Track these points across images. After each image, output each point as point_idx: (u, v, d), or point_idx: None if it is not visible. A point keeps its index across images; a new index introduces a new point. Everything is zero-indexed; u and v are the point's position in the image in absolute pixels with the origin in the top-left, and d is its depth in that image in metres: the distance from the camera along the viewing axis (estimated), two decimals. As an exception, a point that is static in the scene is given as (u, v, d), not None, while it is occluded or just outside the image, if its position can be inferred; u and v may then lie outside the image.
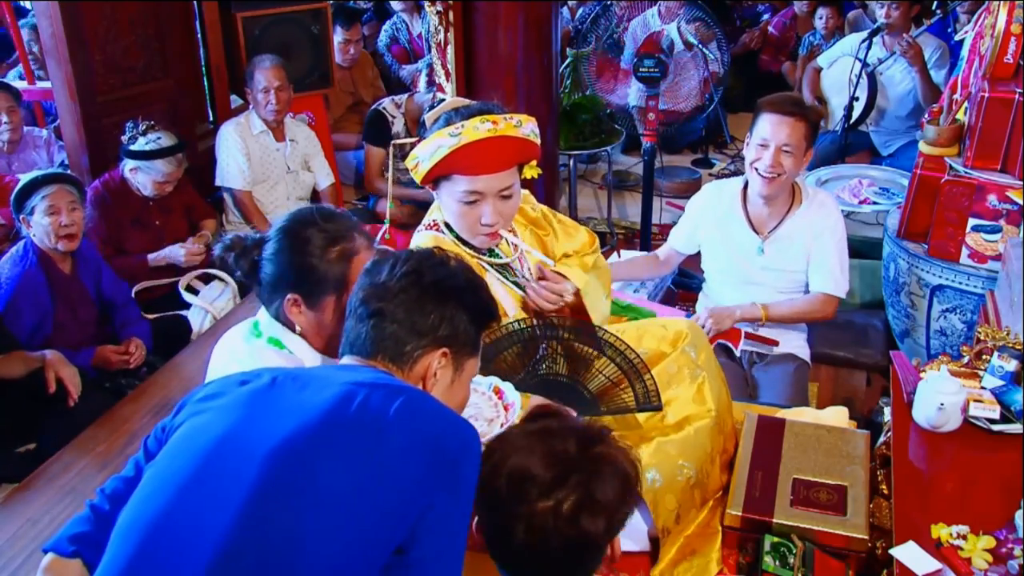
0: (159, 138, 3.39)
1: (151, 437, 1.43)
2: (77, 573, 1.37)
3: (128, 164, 3.42)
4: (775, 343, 2.70)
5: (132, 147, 3.38)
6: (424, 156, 1.79)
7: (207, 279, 3.53)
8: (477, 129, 1.74)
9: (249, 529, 1.13)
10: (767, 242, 2.65)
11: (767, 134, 2.51)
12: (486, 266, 1.96)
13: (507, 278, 1.96)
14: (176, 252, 3.47)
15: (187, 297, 3.42)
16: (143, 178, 3.42)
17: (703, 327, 2.66)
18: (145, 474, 1.30)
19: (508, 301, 1.93)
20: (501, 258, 1.96)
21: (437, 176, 1.83)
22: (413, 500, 1.18)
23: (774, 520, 1.73)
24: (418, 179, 1.85)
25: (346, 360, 1.38)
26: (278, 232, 1.65)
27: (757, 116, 2.56)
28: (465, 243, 1.95)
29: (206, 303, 3.40)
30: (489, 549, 1.34)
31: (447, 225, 1.96)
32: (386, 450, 1.19)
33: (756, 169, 2.54)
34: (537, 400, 1.78)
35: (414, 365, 1.35)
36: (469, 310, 1.38)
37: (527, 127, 1.81)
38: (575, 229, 2.17)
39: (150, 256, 3.47)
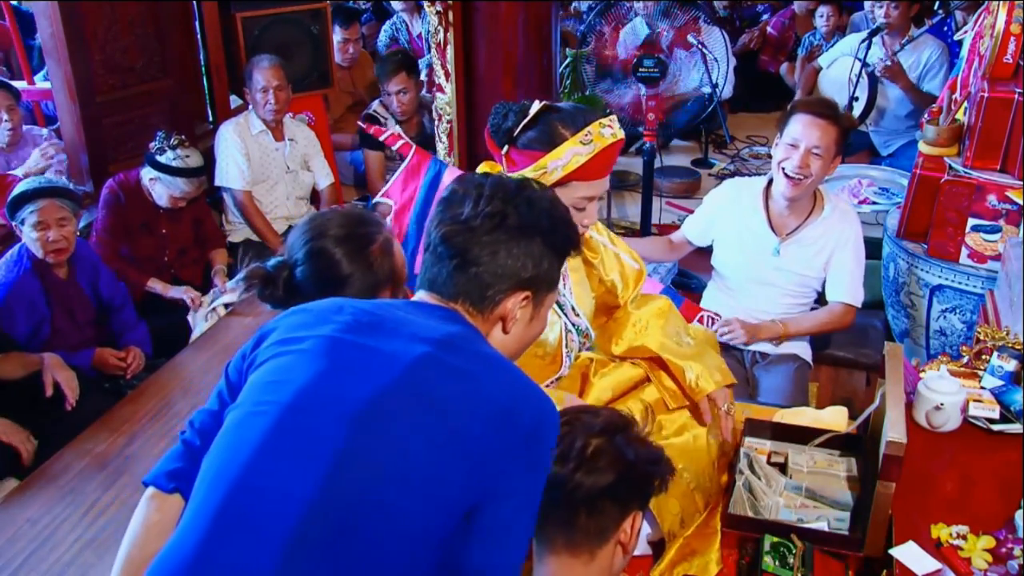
0: (188, 156, 3.37)
1: (231, 365, 1.39)
2: (177, 507, 1.36)
3: (149, 172, 3.40)
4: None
5: (158, 158, 3.35)
6: (556, 165, 1.73)
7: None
8: (603, 136, 1.73)
9: (333, 490, 1.13)
10: (784, 244, 2.64)
11: (798, 135, 2.48)
12: None
13: None
14: (181, 295, 3.46)
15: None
16: (161, 189, 3.40)
17: (717, 331, 2.67)
18: (227, 418, 1.28)
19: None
20: None
21: (555, 184, 1.76)
22: (486, 467, 1.17)
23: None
24: None
25: (423, 296, 1.36)
26: (309, 253, 1.63)
27: (790, 116, 2.54)
28: None
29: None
30: None
31: None
32: (466, 417, 1.18)
33: (783, 169, 2.52)
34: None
35: (495, 308, 1.33)
36: (554, 248, 1.36)
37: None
38: (625, 250, 2.08)
39: (158, 288, 3.45)
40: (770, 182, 2.64)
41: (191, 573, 1.12)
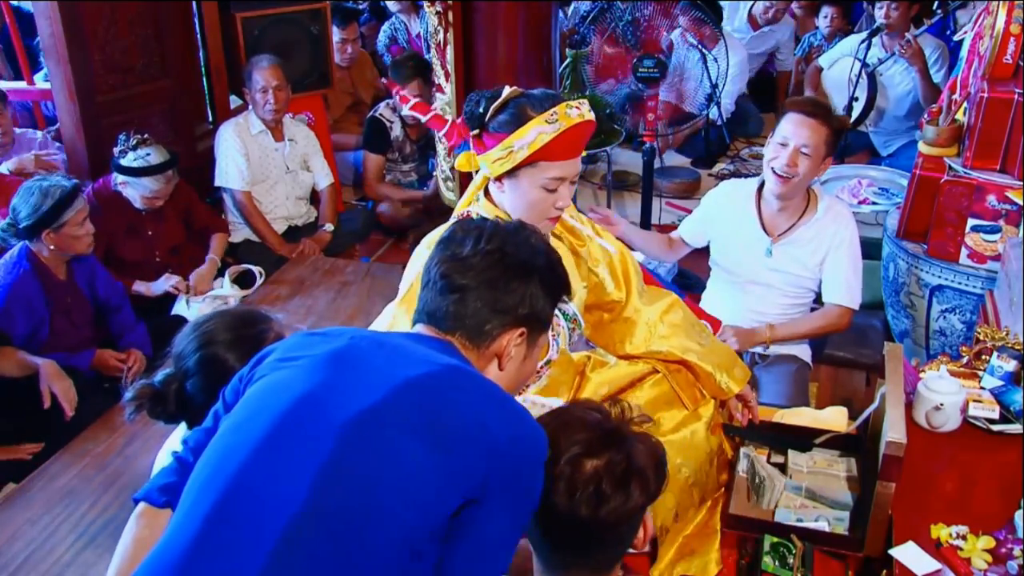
0: (148, 154, 3.29)
1: (228, 388, 1.41)
2: (167, 521, 1.35)
3: (118, 177, 3.36)
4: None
5: (121, 162, 3.31)
6: (522, 144, 1.74)
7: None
8: (569, 115, 1.73)
9: (322, 495, 1.14)
10: (776, 245, 2.64)
11: (788, 133, 2.49)
12: None
13: None
14: (165, 287, 3.42)
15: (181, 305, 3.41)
16: (132, 192, 3.36)
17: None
18: (222, 425, 1.30)
19: None
20: None
21: (524, 165, 1.78)
22: (470, 488, 1.18)
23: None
24: (502, 170, 1.78)
25: (421, 329, 1.38)
26: (201, 363, 1.65)
27: (782, 115, 2.55)
28: None
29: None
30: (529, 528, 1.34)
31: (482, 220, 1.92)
32: (456, 437, 1.19)
33: (773, 168, 2.52)
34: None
35: (491, 343, 1.35)
36: (548, 288, 1.39)
37: (592, 110, 1.82)
38: (612, 243, 2.09)
39: (142, 290, 3.40)
40: (763, 183, 2.65)
41: (180, 573, 1.13)
